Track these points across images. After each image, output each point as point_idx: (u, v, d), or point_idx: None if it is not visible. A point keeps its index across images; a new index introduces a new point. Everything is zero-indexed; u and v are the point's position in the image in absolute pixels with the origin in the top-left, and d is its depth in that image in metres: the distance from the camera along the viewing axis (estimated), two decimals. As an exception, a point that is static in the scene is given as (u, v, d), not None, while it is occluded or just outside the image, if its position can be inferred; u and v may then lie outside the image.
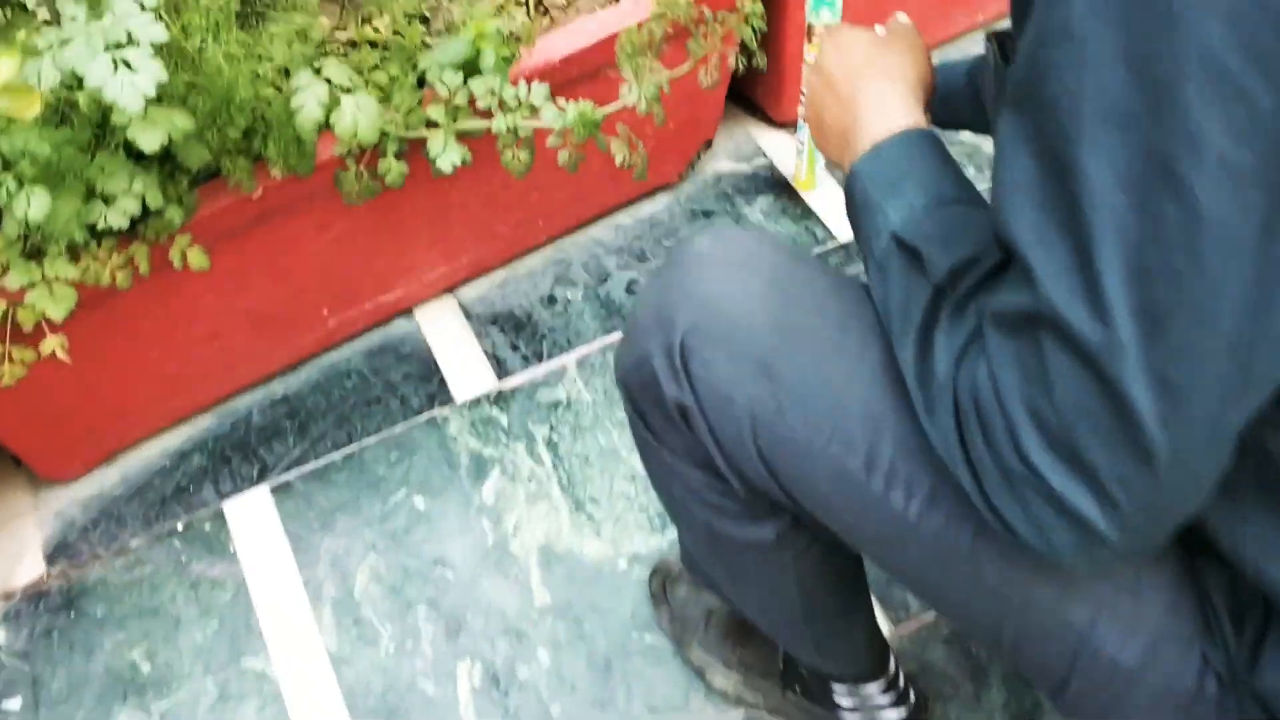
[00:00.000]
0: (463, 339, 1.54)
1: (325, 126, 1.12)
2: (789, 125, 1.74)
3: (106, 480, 1.45)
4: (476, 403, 1.48)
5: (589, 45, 1.34)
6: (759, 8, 1.17)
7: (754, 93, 1.71)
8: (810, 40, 1.45)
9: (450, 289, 1.59)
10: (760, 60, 1.21)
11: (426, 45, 1.34)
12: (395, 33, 1.27)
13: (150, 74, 0.92)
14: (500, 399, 1.48)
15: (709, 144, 1.69)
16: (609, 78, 1.41)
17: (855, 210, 0.81)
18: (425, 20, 1.40)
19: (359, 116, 1.11)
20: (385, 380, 1.51)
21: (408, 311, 1.57)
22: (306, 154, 1.17)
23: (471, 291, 1.59)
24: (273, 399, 1.50)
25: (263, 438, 1.47)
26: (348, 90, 1.12)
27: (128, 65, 0.92)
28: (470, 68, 1.23)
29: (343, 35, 1.41)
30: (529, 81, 1.21)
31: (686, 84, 1.48)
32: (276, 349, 1.48)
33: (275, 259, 1.34)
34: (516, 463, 1.43)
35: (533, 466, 1.42)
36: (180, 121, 1.03)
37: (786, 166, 1.71)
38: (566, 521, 1.37)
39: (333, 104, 1.12)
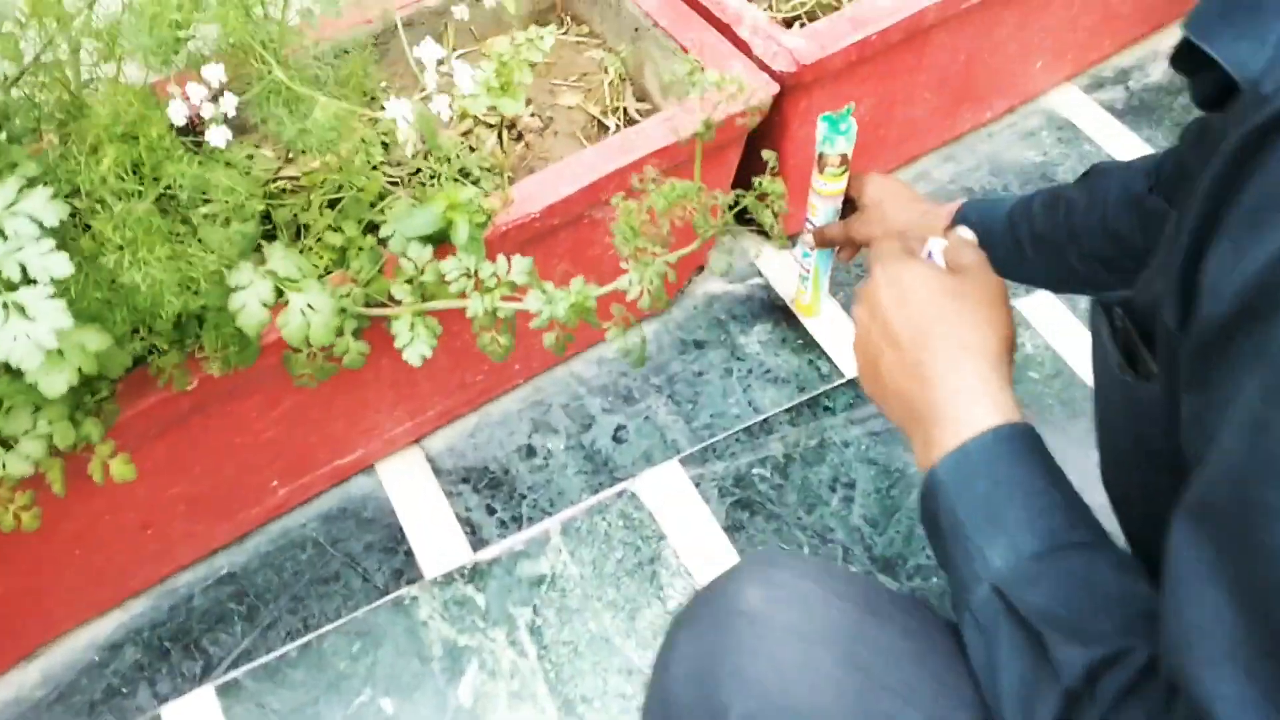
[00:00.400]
0: (432, 500, 1.37)
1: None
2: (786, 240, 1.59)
3: (25, 680, 1.27)
4: (449, 579, 1.31)
5: (573, 194, 1.18)
6: (780, 187, 1.02)
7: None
8: (821, 170, 1.30)
9: (416, 440, 1.42)
10: (780, 240, 1.06)
11: (390, 187, 1.17)
12: (354, 189, 1.10)
13: (51, 321, 0.75)
14: (476, 574, 1.32)
15: (701, 268, 1.54)
16: (593, 219, 1.25)
17: (940, 532, 0.66)
18: (384, 146, 1.23)
19: (312, 318, 0.94)
20: (345, 552, 1.34)
21: (369, 468, 1.40)
22: (249, 348, 0.99)
23: (439, 441, 1.42)
24: (217, 576, 1.32)
25: (206, 625, 1.29)
26: (295, 284, 0.95)
27: (22, 311, 0.74)
28: (440, 236, 1.07)
29: (287, 172, 1.23)
30: (511, 247, 1.05)
31: (680, 238, 1.32)
32: (218, 527, 1.30)
33: (215, 445, 1.17)
34: (496, 654, 1.26)
35: (515, 659, 1.26)
36: (93, 342, 0.85)
37: (784, 287, 1.55)
38: (555, 725, 1.21)
39: (278, 300, 0.94)
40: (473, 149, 1.34)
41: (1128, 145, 1.69)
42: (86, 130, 0.78)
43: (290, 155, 1.25)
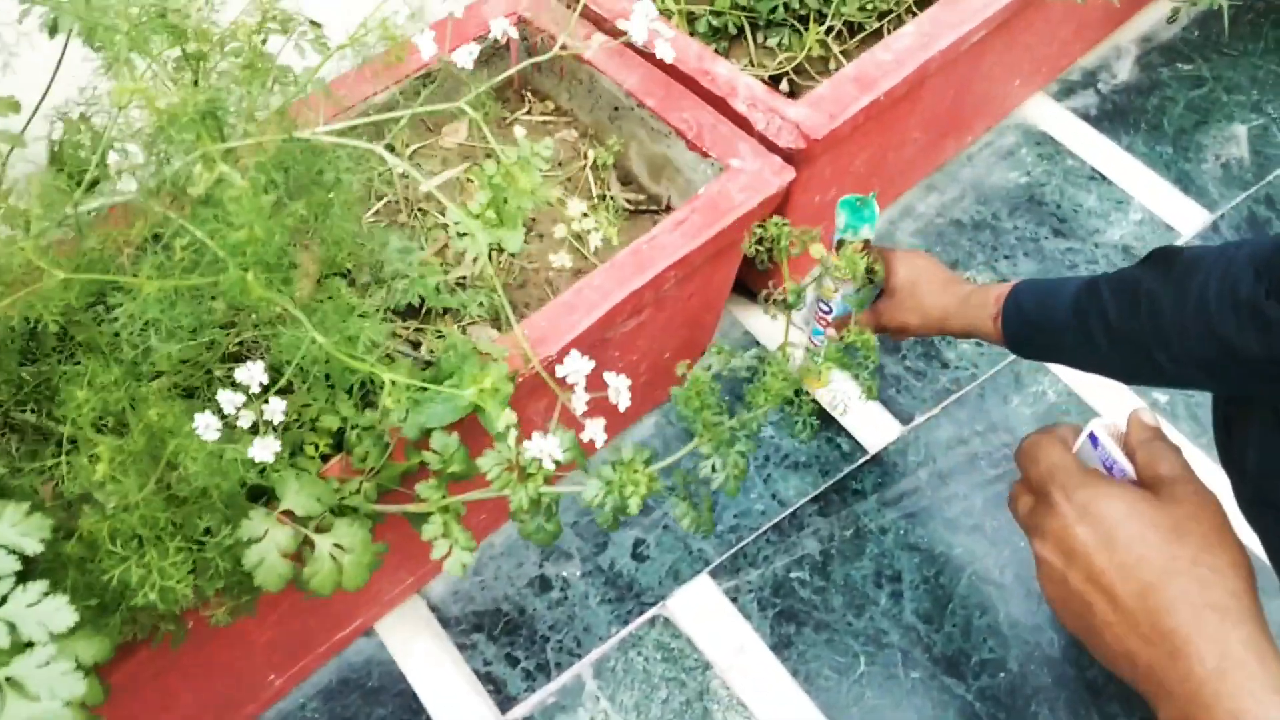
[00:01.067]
0: (444, 657, 1.23)
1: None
2: (780, 305, 1.47)
3: None
4: (479, 749, 1.18)
5: (590, 326, 1.03)
6: (872, 340, 0.90)
7: (748, 278, 1.43)
8: (839, 253, 1.18)
9: (416, 590, 1.26)
10: (871, 394, 0.94)
11: (389, 359, 1.00)
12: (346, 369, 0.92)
13: (63, 691, 0.59)
14: (508, 738, 1.18)
15: (702, 353, 1.41)
16: (605, 339, 1.11)
17: None
18: (351, 281, 1.06)
19: (342, 560, 0.79)
20: (355, 733, 1.19)
21: (367, 630, 1.24)
22: (256, 596, 0.83)
23: (441, 587, 1.27)
24: (210, 781, 1.16)
25: (207, 841, 1.13)
26: (320, 522, 0.79)
27: (21, 689, 0.58)
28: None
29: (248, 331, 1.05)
30: (528, 393, 0.90)
31: (690, 306, 1.19)
32: (211, 733, 1.13)
33: (209, 669, 1.00)
34: (547, 829, 1.13)
35: (569, 831, 1.13)
36: (88, 654, 0.69)
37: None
38: None
39: (300, 546, 0.78)
40: (451, 266, 1.18)
41: (1110, 157, 1.61)
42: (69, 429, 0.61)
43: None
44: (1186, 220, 1.56)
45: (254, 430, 0.63)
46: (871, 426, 1.38)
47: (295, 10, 0.90)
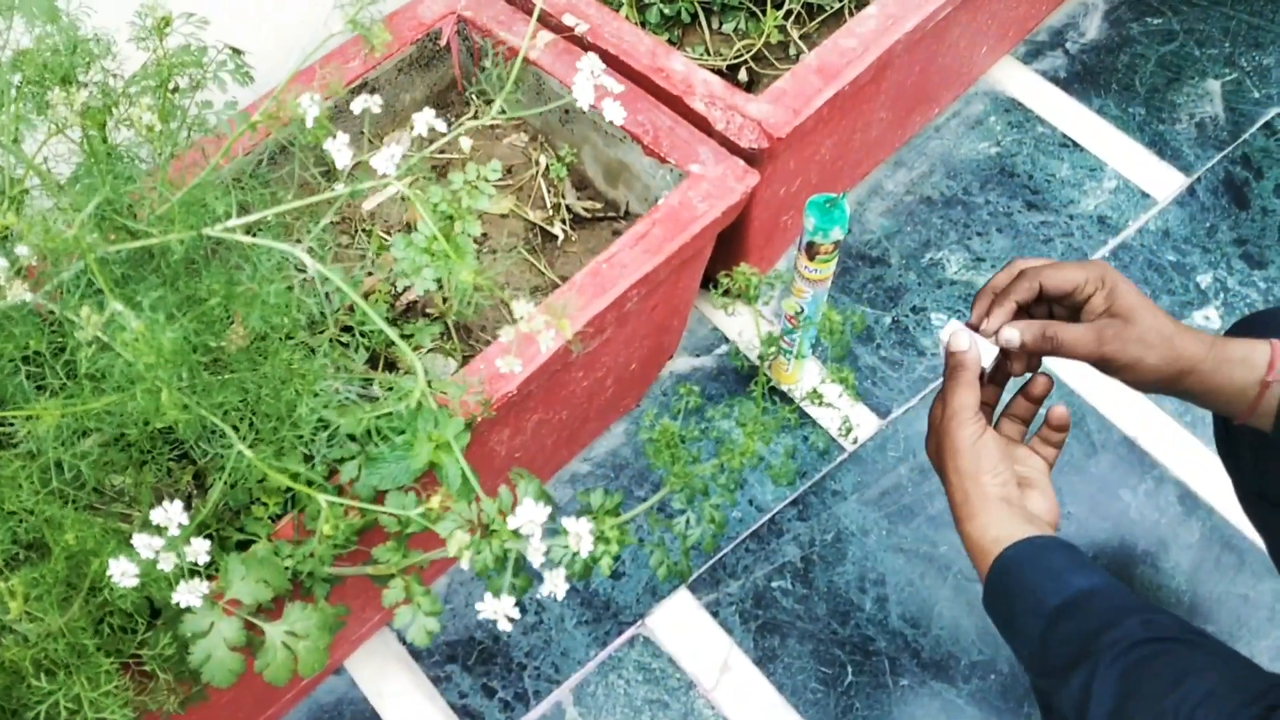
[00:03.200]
0: (418, 691, 1.18)
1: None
2: (742, 297, 1.41)
3: None
4: (460, 786, 1.14)
5: (551, 356, 0.98)
6: (851, 378, 0.85)
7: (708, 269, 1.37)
8: (812, 258, 1.13)
9: (385, 623, 1.21)
10: (848, 433, 0.90)
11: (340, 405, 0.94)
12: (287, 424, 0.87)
13: None
14: (490, 773, 1.14)
15: (670, 356, 1.35)
16: (568, 363, 1.06)
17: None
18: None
19: (297, 648, 0.73)
20: (330, 777, 1.15)
21: (337, 669, 1.19)
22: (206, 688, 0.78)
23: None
24: (182, 836, 1.11)
25: None
26: (266, 609, 0.73)
27: None
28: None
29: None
30: (511, 486, 0.85)
31: (654, 317, 1.14)
32: (179, 793, 1.08)
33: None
34: None
35: None
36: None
37: (754, 348, 1.39)
38: None
39: (250, 641, 0.73)
40: (400, 292, 1.12)
41: (1081, 120, 1.56)
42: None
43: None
44: (1162, 186, 1.51)
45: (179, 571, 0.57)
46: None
47: (214, 39, 0.83)
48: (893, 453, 1.32)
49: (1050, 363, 1.36)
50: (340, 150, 0.65)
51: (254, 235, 0.66)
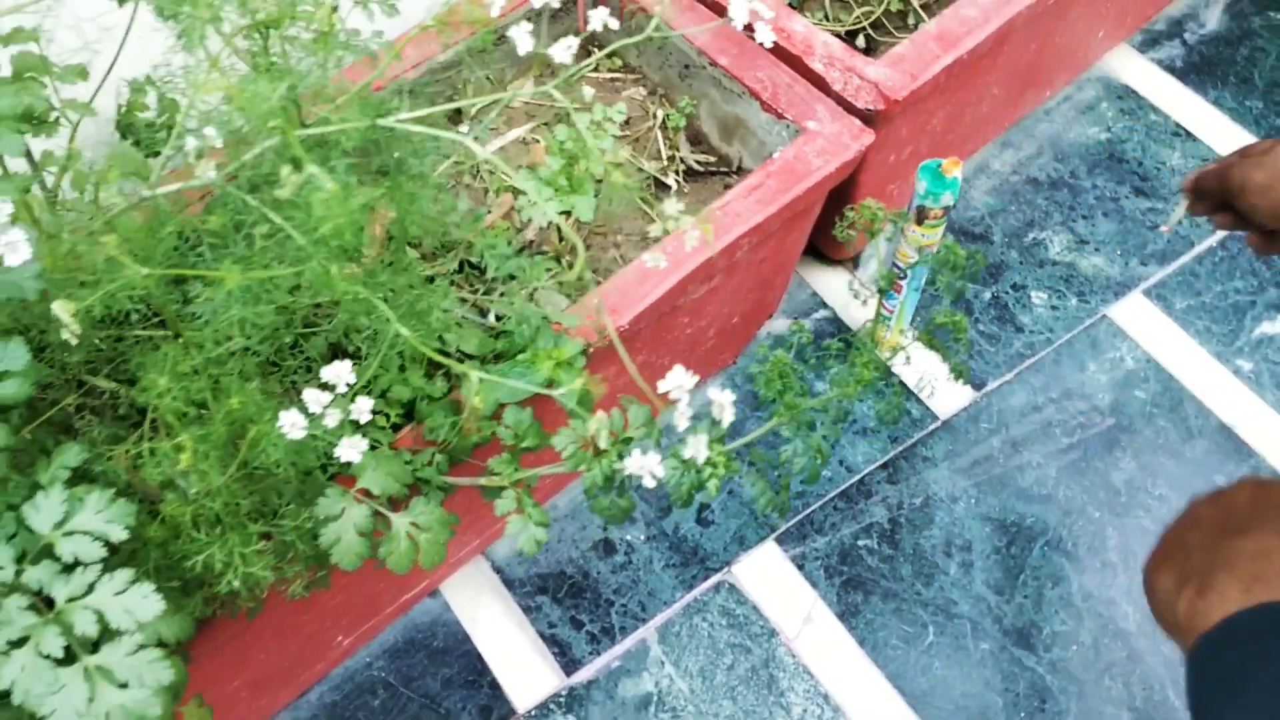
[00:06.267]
0: (508, 619, 1.23)
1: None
2: (845, 263, 1.44)
3: None
4: (544, 712, 1.18)
5: (661, 297, 1.01)
6: (964, 322, 0.87)
7: (819, 240, 1.39)
8: (920, 222, 1.15)
9: (480, 552, 1.26)
10: (964, 376, 0.92)
11: (459, 324, 0.99)
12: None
13: (151, 678, 0.59)
14: (574, 702, 1.18)
15: (770, 314, 1.38)
16: (676, 307, 1.09)
17: None
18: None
19: (419, 539, 0.78)
20: (422, 692, 1.20)
21: (433, 592, 1.25)
22: (329, 572, 0.83)
23: (505, 548, 1.27)
24: (281, 737, 1.18)
25: (279, 795, 1.15)
26: (396, 504, 0.78)
27: (109, 676, 0.58)
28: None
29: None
30: (622, 409, 0.88)
31: (761, 270, 1.17)
32: (281, 692, 1.14)
33: (282, 628, 1.01)
34: (613, 792, 1.14)
35: (634, 795, 1.14)
36: (173, 634, 0.69)
37: (852, 315, 1.41)
38: None
39: (378, 527, 0.78)
40: (518, 229, 1.16)
41: (1196, 111, 1.55)
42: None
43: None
44: (1276, 179, 1.49)
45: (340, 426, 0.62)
46: (943, 392, 1.35)
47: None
48: (985, 425, 1.33)
49: (1146, 340, 1.36)
50: (523, 36, 0.67)
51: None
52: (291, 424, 0.58)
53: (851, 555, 1.25)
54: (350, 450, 0.63)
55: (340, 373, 0.58)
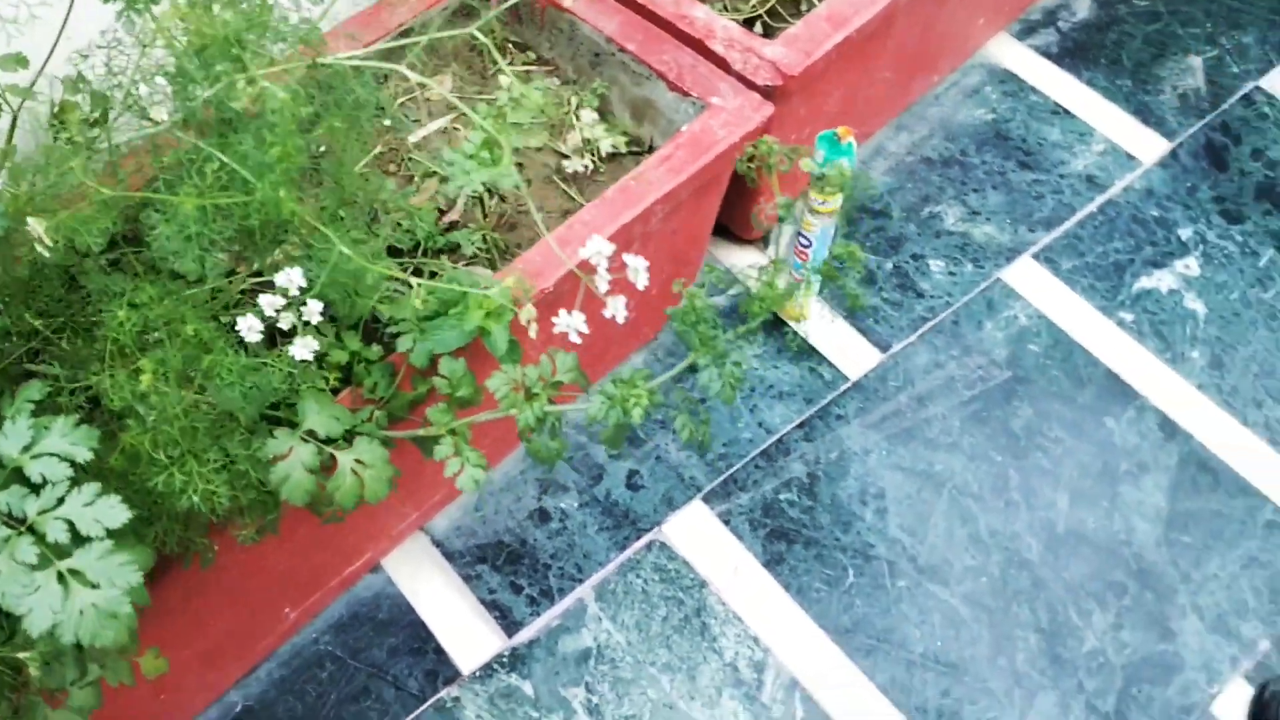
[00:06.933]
0: (450, 588, 1.28)
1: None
2: (757, 242, 1.52)
3: None
4: (489, 672, 1.23)
5: (580, 263, 1.08)
6: (860, 253, 0.95)
7: (728, 216, 1.47)
8: (821, 190, 1.23)
9: (419, 527, 1.31)
10: (861, 306, 1.00)
11: (389, 298, 1.04)
12: (349, 295, 0.97)
13: (120, 580, 0.64)
14: (516, 661, 1.24)
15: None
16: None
17: None
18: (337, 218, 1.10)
19: (364, 475, 0.83)
20: (369, 662, 1.24)
21: (375, 566, 1.29)
22: (278, 513, 0.88)
23: (444, 522, 1.32)
24: (232, 715, 1.21)
25: (233, 770, 1.18)
26: (341, 441, 0.83)
27: (82, 578, 0.63)
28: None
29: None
30: (550, 356, 0.95)
31: (675, 242, 1.24)
32: (231, 668, 1.18)
33: (232, 597, 1.05)
34: (558, 743, 1.19)
35: (579, 744, 1.19)
36: (137, 562, 0.73)
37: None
38: (636, 807, 1.16)
39: (324, 463, 0.83)
40: (443, 211, 1.22)
41: (1072, 91, 1.67)
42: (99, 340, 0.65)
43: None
44: (1147, 149, 1.62)
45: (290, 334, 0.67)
46: (852, 355, 1.44)
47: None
48: (893, 383, 1.42)
49: (1037, 299, 1.47)
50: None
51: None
52: (249, 327, 0.63)
53: (774, 509, 1.32)
54: (303, 349, 0.68)
55: (293, 278, 0.63)
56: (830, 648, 1.24)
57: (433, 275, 1.16)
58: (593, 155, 1.27)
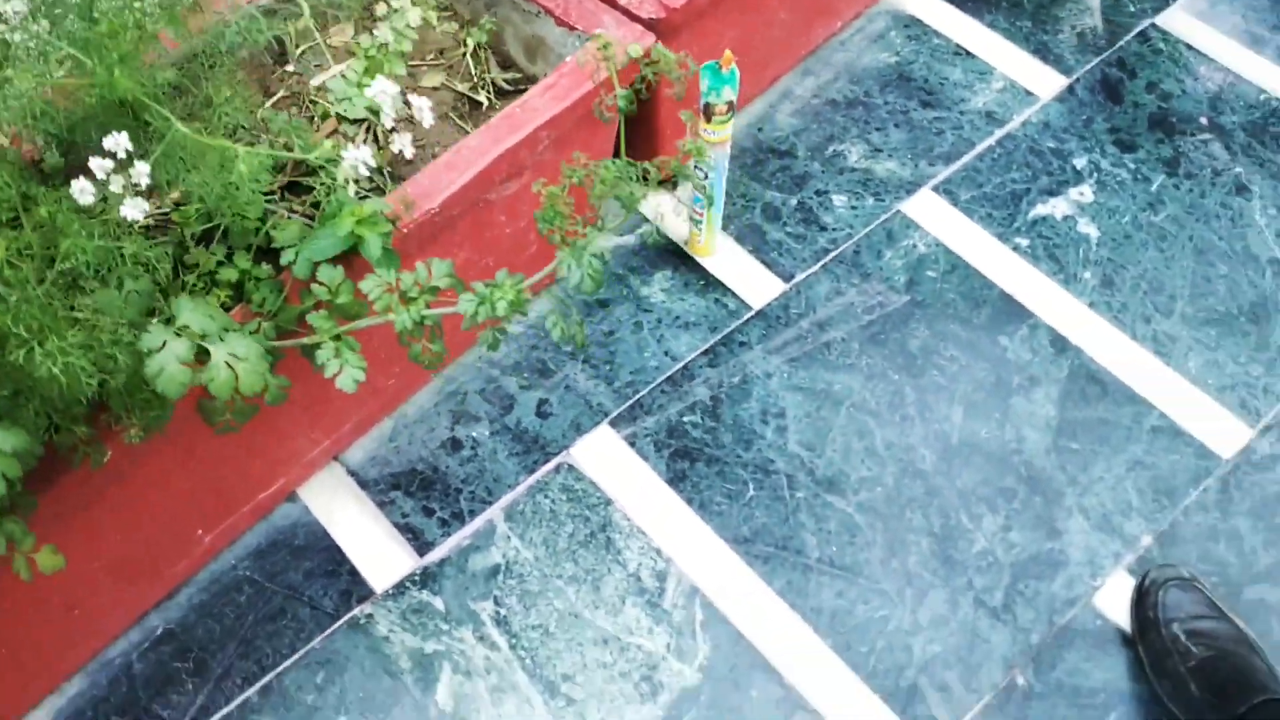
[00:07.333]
0: (364, 514, 1.32)
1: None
2: (665, 184, 1.57)
3: (-32, 791, 1.18)
4: (401, 589, 1.28)
5: (469, 181, 1.13)
6: (704, 146, 1.00)
7: (626, 154, 1.52)
8: (709, 119, 1.28)
9: (334, 457, 1.36)
10: (708, 194, 1.04)
11: (270, 214, 1.09)
12: (235, 215, 1.02)
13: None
14: (428, 579, 1.28)
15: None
16: (489, 202, 1.21)
17: None
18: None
19: (238, 367, 0.88)
20: (286, 585, 1.28)
21: (291, 496, 1.33)
22: (166, 411, 0.92)
23: (359, 453, 1.37)
24: (153, 637, 1.25)
25: (153, 690, 1.22)
26: (215, 337, 0.88)
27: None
28: (345, 253, 1.01)
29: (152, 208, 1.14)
30: (414, 245, 0.99)
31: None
32: (146, 588, 1.22)
33: (134, 506, 1.09)
34: (467, 653, 1.24)
35: (487, 654, 1.24)
36: (10, 444, 0.78)
37: (674, 229, 1.54)
38: (544, 712, 1.20)
39: (198, 356, 0.88)
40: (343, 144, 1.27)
41: (974, 33, 1.72)
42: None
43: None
44: (1045, 86, 1.67)
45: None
46: (756, 286, 1.49)
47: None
48: (795, 311, 1.47)
49: (935, 228, 1.52)
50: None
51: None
52: (81, 190, 0.68)
53: (678, 430, 1.37)
54: (132, 209, 0.73)
55: (120, 142, 0.68)
56: (730, 556, 1.29)
57: (311, 194, 1.20)
58: (488, 93, 1.32)
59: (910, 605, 1.26)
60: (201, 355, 0.89)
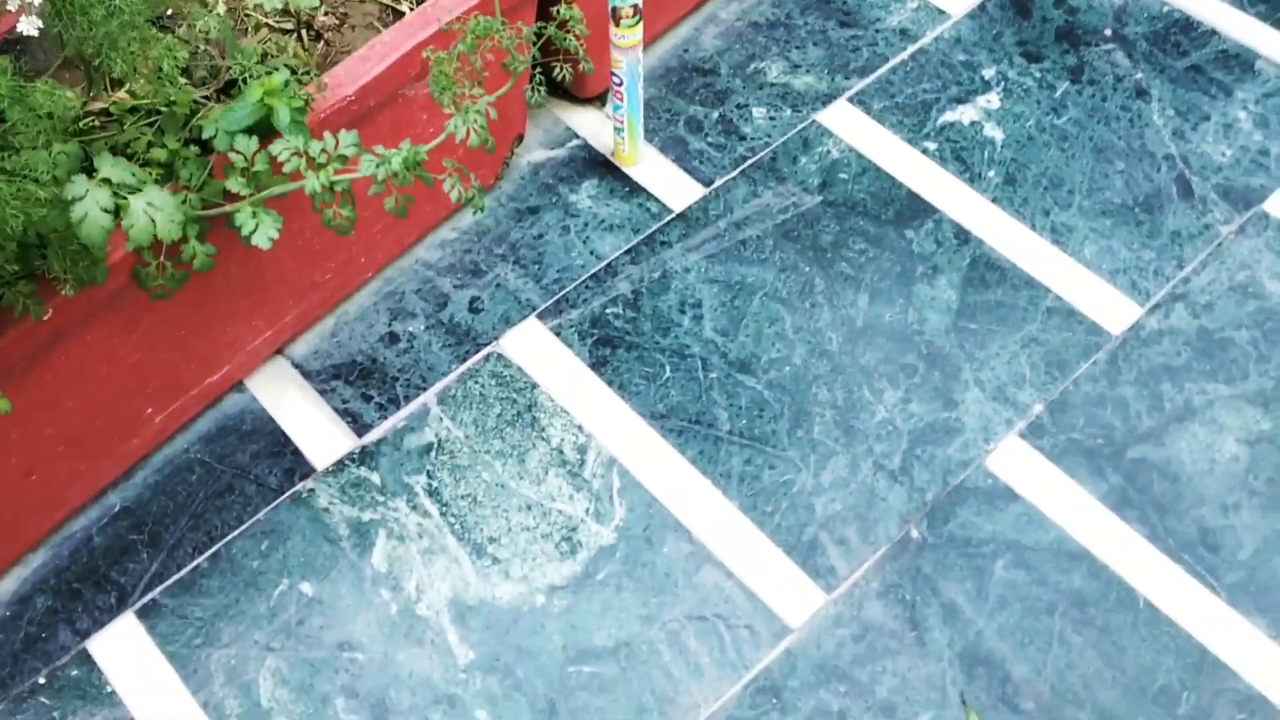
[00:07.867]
0: (307, 401, 1.42)
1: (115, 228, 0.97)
2: (594, 101, 1.67)
3: (-60, 652, 1.28)
4: (340, 467, 1.37)
5: (383, 71, 1.22)
6: (578, 12, 1.09)
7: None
8: (618, 23, 1.38)
9: (279, 350, 1.45)
10: (588, 65, 1.13)
11: (200, 105, 1.19)
12: (167, 102, 1.12)
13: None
14: (365, 457, 1.38)
15: (520, 138, 1.60)
16: (408, 98, 1.30)
17: None
18: (186, 72, 1.25)
19: (155, 215, 0.98)
20: (233, 465, 1.38)
21: (239, 385, 1.43)
22: (97, 263, 1.02)
23: (303, 347, 1.46)
24: (110, 513, 1.35)
25: (111, 559, 1.32)
26: (132, 190, 0.97)
27: None
28: (263, 127, 1.10)
29: (96, 106, 1.24)
30: (334, 131, 1.09)
31: (492, 88, 1.38)
32: (103, 463, 1.32)
33: (82, 374, 1.19)
34: (401, 521, 1.33)
35: (420, 521, 1.33)
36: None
37: (602, 143, 1.63)
38: (471, 570, 1.30)
39: (119, 207, 0.97)
40: (273, 56, 1.36)
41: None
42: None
43: (92, 93, 1.25)
44: (957, 3, 1.76)
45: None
46: (677, 192, 1.58)
47: None
48: (714, 212, 1.56)
49: (849, 136, 1.61)
50: None
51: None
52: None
53: (600, 321, 1.47)
54: (29, 26, 0.83)
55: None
56: (646, 430, 1.38)
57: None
58: (410, 4, 1.41)
59: (813, 470, 1.35)
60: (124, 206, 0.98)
